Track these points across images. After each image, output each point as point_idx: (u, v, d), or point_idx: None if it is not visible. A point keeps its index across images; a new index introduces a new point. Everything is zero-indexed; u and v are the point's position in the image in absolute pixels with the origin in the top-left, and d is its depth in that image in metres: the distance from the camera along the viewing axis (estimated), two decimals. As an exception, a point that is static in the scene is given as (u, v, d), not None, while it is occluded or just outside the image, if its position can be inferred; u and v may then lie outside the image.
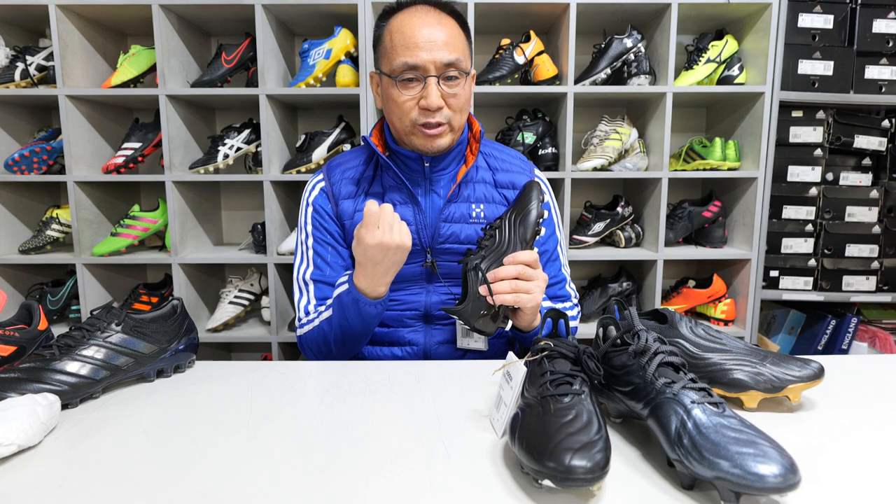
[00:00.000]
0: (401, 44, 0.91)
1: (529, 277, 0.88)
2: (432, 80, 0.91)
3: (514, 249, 0.90)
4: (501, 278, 0.87)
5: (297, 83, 1.67)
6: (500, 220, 0.94)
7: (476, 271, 0.88)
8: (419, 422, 0.68)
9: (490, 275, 0.87)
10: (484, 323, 0.89)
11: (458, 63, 0.92)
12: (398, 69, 0.91)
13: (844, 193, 1.77)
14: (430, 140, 0.95)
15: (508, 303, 0.87)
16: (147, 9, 1.60)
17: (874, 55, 1.70)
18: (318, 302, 1.00)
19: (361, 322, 0.93)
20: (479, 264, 0.88)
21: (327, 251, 1.02)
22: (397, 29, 0.92)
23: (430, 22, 0.91)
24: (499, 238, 0.91)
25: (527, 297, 0.87)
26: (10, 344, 0.77)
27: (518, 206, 0.95)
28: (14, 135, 1.81)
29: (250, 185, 2.00)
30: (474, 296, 0.87)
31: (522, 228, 0.92)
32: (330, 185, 1.04)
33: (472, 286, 0.88)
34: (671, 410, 0.55)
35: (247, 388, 0.79)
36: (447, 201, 1.01)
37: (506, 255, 0.89)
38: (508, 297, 0.86)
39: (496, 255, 0.90)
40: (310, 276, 1.02)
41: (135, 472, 0.57)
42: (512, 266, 0.88)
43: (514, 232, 0.92)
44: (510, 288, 0.86)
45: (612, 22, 1.78)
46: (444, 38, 0.91)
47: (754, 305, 1.76)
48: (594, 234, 1.81)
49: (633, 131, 1.78)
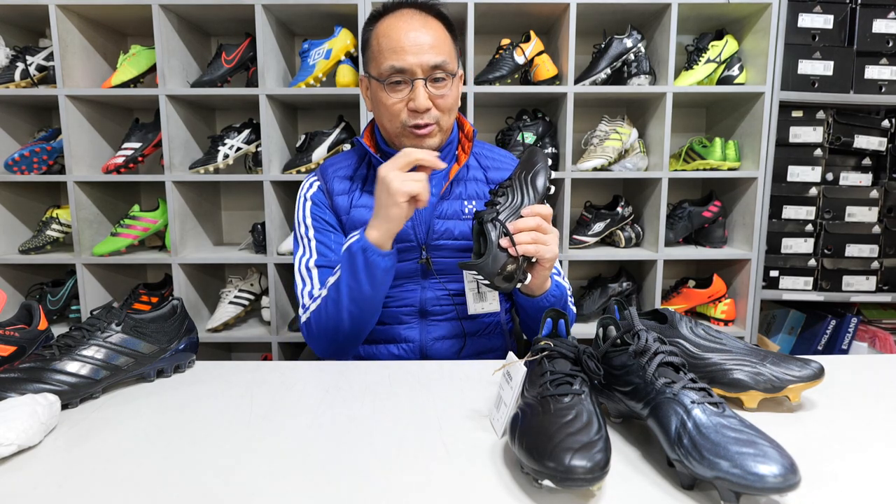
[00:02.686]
0: (388, 47, 0.92)
1: (546, 230, 0.88)
2: (420, 83, 0.92)
3: (528, 203, 0.90)
4: (522, 229, 0.86)
5: (297, 83, 1.67)
6: (510, 180, 0.93)
7: (495, 223, 0.87)
8: (419, 422, 0.68)
9: (510, 226, 0.86)
10: (501, 280, 0.87)
11: (445, 65, 0.93)
12: (386, 73, 0.93)
13: (844, 193, 1.77)
14: (420, 141, 0.96)
15: (531, 253, 0.86)
16: (147, 9, 1.61)
17: (874, 55, 1.70)
18: (323, 286, 0.99)
19: (370, 277, 0.90)
20: (497, 217, 0.87)
21: (329, 238, 1.02)
22: (384, 33, 0.94)
23: (416, 25, 0.93)
24: (511, 194, 0.91)
25: (545, 248, 0.87)
26: (10, 344, 0.77)
27: (526, 165, 0.94)
28: (14, 135, 1.81)
29: (250, 185, 2.00)
30: (494, 248, 0.86)
31: (534, 185, 0.92)
32: (324, 183, 1.05)
33: (492, 240, 0.86)
34: (671, 410, 0.55)
35: (247, 388, 0.78)
36: (440, 198, 1.02)
37: (521, 208, 0.89)
38: (531, 248, 0.86)
39: (512, 209, 0.89)
40: (314, 263, 1.01)
41: (135, 472, 0.57)
42: (532, 217, 0.87)
43: (528, 187, 0.91)
44: (531, 239, 0.86)
45: (612, 22, 1.78)
46: (430, 41, 0.92)
47: (754, 305, 1.76)
48: (594, 234, 1.81)
49: (633, 131, 1.78)
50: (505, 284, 0.88)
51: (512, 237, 0.85)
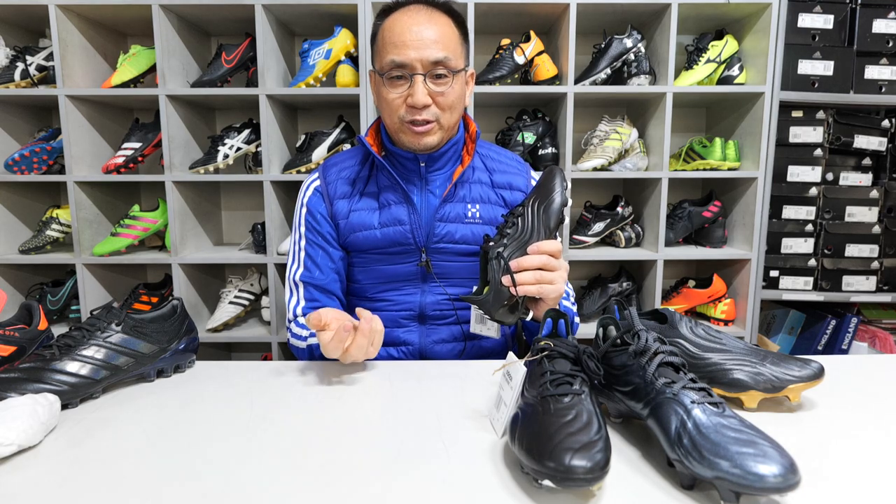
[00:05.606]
0: (390, 42, 0.92)
1: (553, 268, 0.85)
2: (419, 79, 0.91)
3: (537, 238, 0.86)
4: (525, 268, 0.83)
5: (297, 83, 1.67)
6: (523, 207, 0.89)
7: (499, 260, 0.84)
8: (419, 422, 0.68)
9: (513, 263, 0.83)
10: (504, 313, 0.86)
11: (447, 61, 0.92)
12: (386, 67, 0.92)
13: (844, 193, 1.77)
14: (418, 137, 0.95)
15: (531, 293, 0.84)
16: (147, 9, 1.60)
17: (874, 55, 1.70)
18: (307, 304, 1.01)
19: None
20: (501, 253, 0.84)
21: (318, 253, 1.03)
22: (389, 27, 0.94)
23: (421, 20, 0.92)
24: (521, 225, 0.87)
25: (550, 287, 0.84)
26: (10, 344, 0.77)
27: (541, 192, 0.89)
28: (14, 135, 1.81)
29: (250, 185, 2.00)
30: (496, 285, 0.84)
31: (546, 216, 0.87)
32: (325, 184, 1.04)
33: (495, 275, 0.84)
34: (671, 410, 0.55)
35: (247, 388, 0.79)
36: (443, 201, 1.01)
37: (529, 243, 0.85)
38: (532, 289, 0.83)
39: (519, 244, 0.86)
40: (300, 277, 1.03)
41: (135, 472, 0.57)
42: (536, 256, 0.84)
43: (538, 219, 0.87)
44: (534, 279, 0.83)
45: (612, 22, 1.78)
46: (433, 37, 0.91)
47: (754, 305, 1.76)
48: (594, 234, 1.81)
49: (633, 131, 1.78)
50: (506, 319, 0.86)
51: (513, 276, 0.83)
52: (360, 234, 1.01)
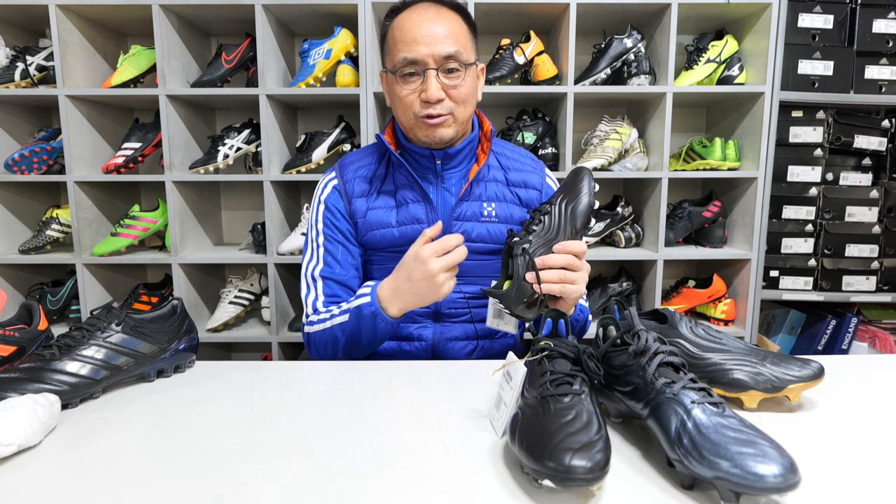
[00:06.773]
0: (401, 40, 0.93)
1: (577, 268, 0.84)
2: (431, 73, 0.92)
3: (563, 237, 0.85)
4: (549, 266, 0.83)
5: (297, 83, 1.67)
6: (550, 205, 0.88)
7: (524, 256, 0.83)
8: (419, 422, 0.68)
9: (538, 261, 0.83)
10: (523, 309, 0.85)
11: (458, 55, 0.92)
12: (399, 64, 0.93)
13: (844, 193, 1.77)
14: (432, 130, 0.95)
15: (554, 292, 0.83)
16: (147, 9, 1.61)
17: (874, 55, 1.70)
18: (327, 299, 1.00)
19: (372, 336, 0.93)
20: (527, 249, 0.83)
21: (338, 249, 1.03)
22: (398, 26, 0.94)
23: (430, 17, 0.93)
24: (548, 223, 0.86)
25: (572, 287, 0.84)
26: (10, 344, 0.77)
27: (569, 191, 0.88)
28: (14, 135, 1.81)
29: (250, 185, 2.00)
30: (519, 281, 0.83)
31: (573, 216, 0.87)
32: (343, 183, 1.04)
33: (519, 271, 0.83)
34: (671, 410, 0.55)
35: (247, 388, 0.78)
36: (459, 200, 1.01)
37: (555, 242, 0.85)
38: (555, 287, 0.82)
39: (545, 241, 0.85)
40: (319, 272, 1.02)
41: (135, 472, 0.57)
42: (561, 255, 0.83)
43: (565, 219, 0.86)
44: (558, 278, 0.82)
45: (612, 22, 1.79)
46: (443, 32, 0.92)
47: (754, 305, 1.76)
48: (594, 234, 1.81)
49: (633, 131, 1.78)
50: (526, 315, 0.86)
51: (538, 273, 0.82)
52: (377, 233, 1.01)
